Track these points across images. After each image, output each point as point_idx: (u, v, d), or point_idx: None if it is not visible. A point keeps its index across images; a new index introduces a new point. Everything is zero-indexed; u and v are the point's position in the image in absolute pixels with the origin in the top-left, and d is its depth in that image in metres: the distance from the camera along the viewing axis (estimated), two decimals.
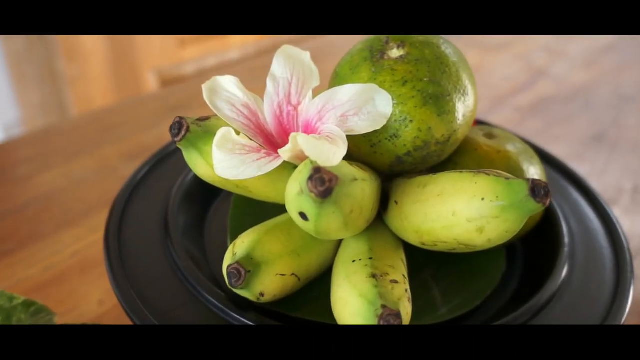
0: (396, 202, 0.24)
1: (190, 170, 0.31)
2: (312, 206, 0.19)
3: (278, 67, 0.25)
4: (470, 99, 0.26)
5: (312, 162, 0.19)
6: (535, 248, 0.29)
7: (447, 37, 0.27)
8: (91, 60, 1.43)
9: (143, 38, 1.51)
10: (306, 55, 0.26)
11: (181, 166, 0.32)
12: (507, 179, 0.20)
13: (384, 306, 0.20)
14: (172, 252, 0.26)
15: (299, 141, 0.20)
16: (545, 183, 0.19)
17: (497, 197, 0.20)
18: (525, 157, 0.28)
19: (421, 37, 0.26)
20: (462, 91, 0.25)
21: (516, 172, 0.27)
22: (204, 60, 1.41)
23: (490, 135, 0.29)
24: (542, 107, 0.71)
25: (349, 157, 0.24)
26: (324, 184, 0.18)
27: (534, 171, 0.28)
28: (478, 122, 0.36)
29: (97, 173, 0.53)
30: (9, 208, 0.49)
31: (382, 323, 0.19)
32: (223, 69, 1.20)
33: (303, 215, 0.20)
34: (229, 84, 0.24)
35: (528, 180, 0.20)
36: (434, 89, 0.24)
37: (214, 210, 0.32)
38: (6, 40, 1.56)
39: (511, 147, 0.28)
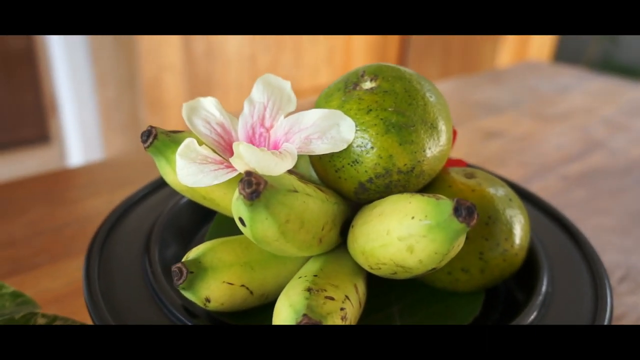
0: (352, 226, 0.25)
1: (181, 197, 0.33)
2: (245, 210, 0.20)
3: (257, 92, 0.27)
4: (441, 135, 0.26)
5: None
6: (514, 293, 0.28)
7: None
8: (171, 111, 1.55)
9: (220, 91, 1.62)
10: (287, 84, 0.27)
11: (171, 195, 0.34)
12: (438, 199, 0.20)
13: (305, 315, 0.20)
14: (151, 279, 0.27)
15: (241, 149, 0.21)
16: (470, 203, 0.19)
17: (425, 216, 0.20)
18: (503, 198, 0.27)
19: (395, 72, 0.27)
20: (429, 124, 0.26)
21: (490, 211, 0.27)
22: None
23: (470, 175, 0.29)
24: (592, 178, 0.68)
25: (316, 184, 0.25)
26: (251, 185, 0.19)
27: (512, 212, 0.27)
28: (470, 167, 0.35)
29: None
30: (51, 225, 0.54)
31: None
32: None
33: (242, 221, 0.21)
34: (209, 104, 0.26)
35: (453, 200, 0.19)
36: (397, 118, 0.25)
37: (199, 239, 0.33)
38: (101, 89, 1.73)
39: (489, 187, 0.28)
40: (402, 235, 0.20)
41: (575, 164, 0.71)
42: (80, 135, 1.80)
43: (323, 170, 0.27)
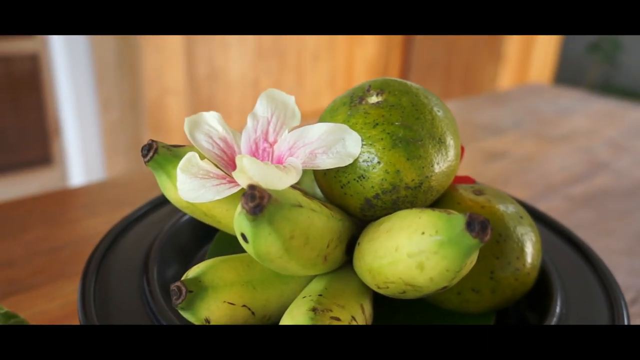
0: (358, 244, 0.24)
1: (181, 215, 0.32)
2: (247, 225, 0.19)
3: (260, 107, 0.26)
4: (449, 150, 0.25)
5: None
6: (526, 315, 0.27)
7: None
8: (173, 134, 1.55)
9: (223, 114, 1.63)
10: (291, 99, 0.27)
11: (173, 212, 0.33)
12: (449, 214, 0.19)
13: None
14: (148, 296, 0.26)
15: (244, 163, 0.21)
16: (484, 217, 0.18)
17: (436, 231, 0.19)
18: (514, 215, 0.27)
19: (402, 86, 0.26)
20: (437, 139, 0.25)
21: (501, 229, 0.26)
22: None
23: (479, 192, 0.28)
24: (597, 199, 0.67)
25: (323, 199, 0.24)
26: (254, 199, 0.19)
27: (523, 230, 0.26)
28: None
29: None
30: (50, 246, 0.53)
31: None
32: None
33: (244, 237, 0.20)
34: (211, 119, 0.26)
35: (466, 214, 0.19)
36: (404, 132, 0.24)
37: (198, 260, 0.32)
38: (104, 111, 1.73)
39: (499, 204, 0.27)
40: (412, 251, 0.20)
41: (580, 185, 0.70)
42: (82, 157, 1.80)
43: (328, 187, 0.26)
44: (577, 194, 0.68)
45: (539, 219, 0.34)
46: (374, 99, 0.26)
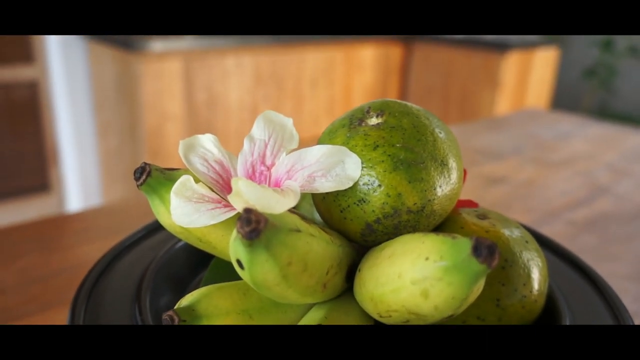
0: (359, 270, 0.23)
1: (176, 242, 0.31)
2: (243, 250, 0.19)
3: (257, 129, 0.26)
4: (452, 173, 0.25)
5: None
6: None
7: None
8: (171, 160, 1.55)
9: (221, 140, 1.63)
10: (288, 121, 0.26)
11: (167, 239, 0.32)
12: (454, 238, 0.19)
13: None
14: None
15: (239, 185, 0.20)
16: (491, 242, 0.17)
17: (440, 257, 0.18)
18: (519, 239, 0.26)
19: (402, 108, 0.26)
20: (440, 161, 0.24)
21: (506, 254, 0.25)
22: None
23: (483, 216, 0.27)
24: (600, 224, 0.66)
25: (322, 224, 0.23)
26: (250, 223, 0.18)
27: (529, 255, 0.25)
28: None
29: None
30: (43, 274, 0.51)
31: None
32: None
33: (239, 263, 0.19)
34: (206, 141, 0.25)
35: (472, 238, 0.18)
36: (406, 154, 0.24)
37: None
38: (102, 138, 1.73)
39: (503, 229, 0.26)
40: (416, 278, 0.19)
41: (581, 210, 0.70)
42: (80, 184, 1.80)
43: (327, 211, 0.25)
44: (579, 219, 0.67)
45: (543, 243, 0.34)
46: (373, 121, 0.25)
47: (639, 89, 2.76)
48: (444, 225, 0.26)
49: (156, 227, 0.33)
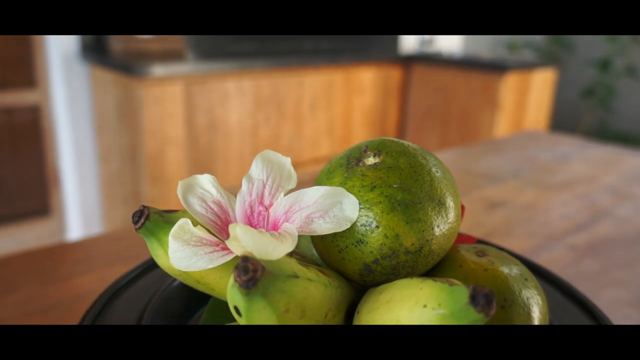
0: (358, 312, 0.23)
1: (173, 280, 0.31)
2: (240, 299, 0.19)
3: (256, 169, 0.26)
4: (449, 212, 0.25)
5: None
6: None
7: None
8: (172, 184, 1.55)
9: (222, 163, 1.63)
10: (287, 160, 0.26)
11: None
12: (451, 285, 0.18)
13: None
14: None
15: (237, 232, 0.20)
16: (489, 290, 0.17)
17: (439, 304, 0.18)
18: (518, 277, 0.26)
19: (399, 147, 0.26)
20: (437, 201, 0.24)
21: (505, 293, 0.25)
22: None
23: (482, 253, 0.27)
24: (601, 248, 0.66)
25: (318, 263, 0.23)
26: (247, 272, 0.18)
27: (528, 294, 0.25)
28: (481, 242, 0.34)
29: None
30: (39, 306, 0.51)
31: None
32: None
33: (237, 310, 0.19)
34: (205, 181, 0.25)
35: (469, 286, 0.18)
36: (403, 195, 0.24)
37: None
38: (103, 162, 1.74)
39: (502, 266, 0.26)
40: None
41: (583, 234, 0.69)
42: (80, 207, 1.80)
43: (325, 251, 0.25)
44: (580, 243, 0.67)
45: (543, 275, 0.33)
46: (371, 160, 0.25)
47: (637, 107, 2.78)
48: (443, 263, 0.26)
49: (153, 263, 0.33)
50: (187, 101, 1.55)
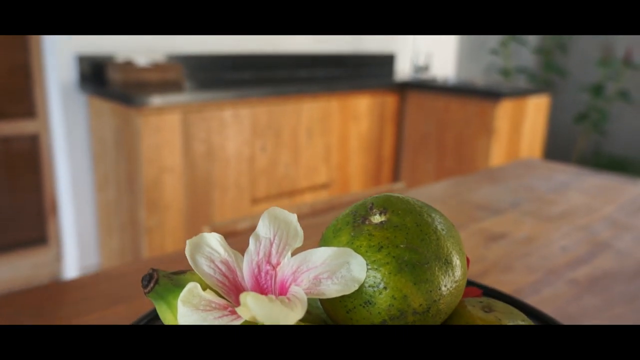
0: None
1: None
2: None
3: (262, 227, 0.26)
4: (456, 270, 0.25)
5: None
6: None
7: None
8: (169, 212, 1.55)
9: (219, 191, 1.63)
10: (293, 217, 0.27)
11: None
12: None
13: None
14: None
15: (248, 302, 0.20)
16: None
17: None
18: None
19: (405, 205, 0.26)
20: (444, 260, 0.24)
21: None
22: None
23: (488, 308, 0.27)
24: (602, 282, 0.66)
25: (323, 322, 0.23)
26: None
27: None
28: (486, 293, 0.34)
29: (128, 321, 0.54)
30: None
31: None
32: None
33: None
34: (213, 240, 0.25)
35: None
36: (410, 256, 0.24)
37: None
38: (100, 191, 1.74)
39: (509, 321, 0.26)
40: None
41: (583, 268, 0.69)
42: (77, 236, 1.79)
43: (333, 310, 0.25)
44: (581, 278, 0.67)
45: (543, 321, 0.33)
46: (377, 219, 0.26)
47: (630, 131, 2.81)
48: (451, 320, 0.26)
49: (155, 316, 0.33)
50: (184, 130, 1.55)
